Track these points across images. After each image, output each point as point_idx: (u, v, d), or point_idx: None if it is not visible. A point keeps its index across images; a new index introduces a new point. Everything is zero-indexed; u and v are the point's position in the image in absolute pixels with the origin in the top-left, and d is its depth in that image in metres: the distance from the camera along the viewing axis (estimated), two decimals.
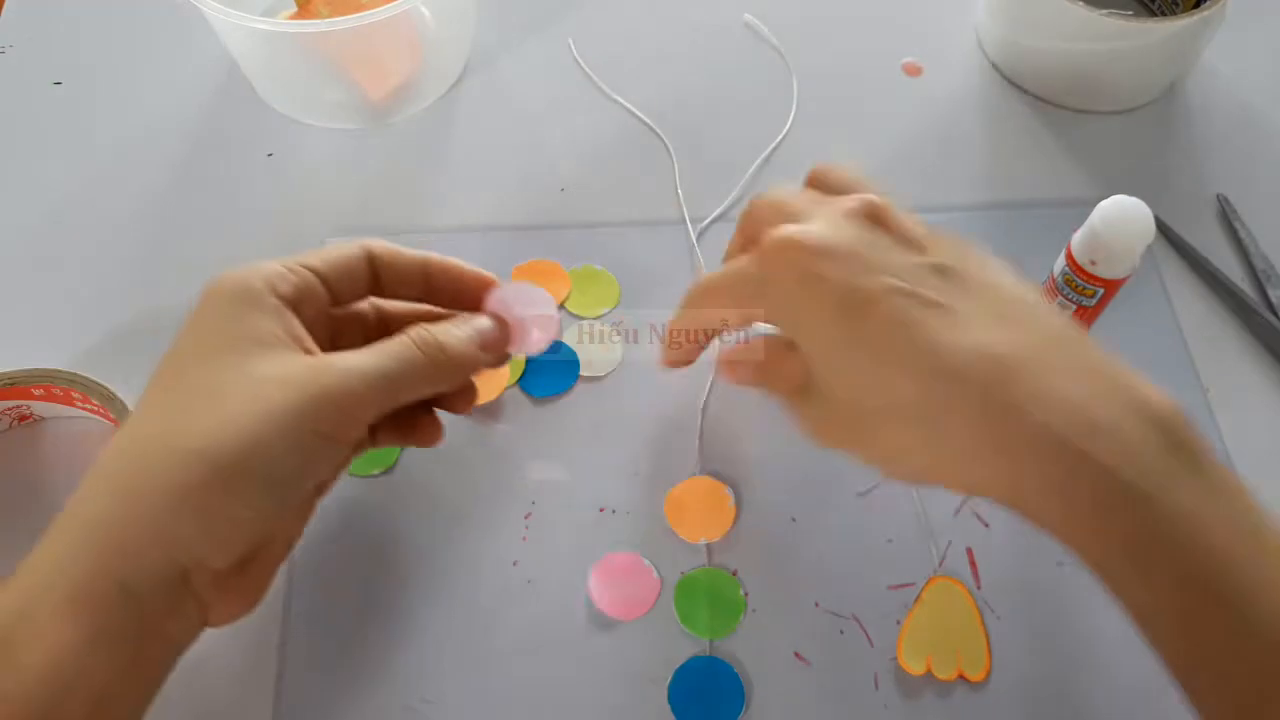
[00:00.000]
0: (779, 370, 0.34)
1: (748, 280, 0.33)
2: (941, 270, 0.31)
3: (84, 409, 0.42)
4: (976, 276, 0.32)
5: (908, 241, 0.32)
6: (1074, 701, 0.38)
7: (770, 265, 0.32)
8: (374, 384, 0.31)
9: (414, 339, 0.33)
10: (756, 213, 0.35)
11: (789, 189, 0.35)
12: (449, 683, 0.37)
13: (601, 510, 0.41)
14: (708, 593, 0.39)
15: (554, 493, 0.42)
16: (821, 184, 0.36)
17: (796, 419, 0.34)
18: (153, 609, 0.28)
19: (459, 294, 0.37)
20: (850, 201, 0.33)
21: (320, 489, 0.35)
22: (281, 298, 0.32)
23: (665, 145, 0.53)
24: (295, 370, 0.31)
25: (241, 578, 0.31)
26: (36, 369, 0.40)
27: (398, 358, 0.32)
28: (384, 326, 0.37)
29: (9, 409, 0.42)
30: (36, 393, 0.41)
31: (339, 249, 0.35)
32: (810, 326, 0.32)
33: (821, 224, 0.32)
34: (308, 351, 0.32)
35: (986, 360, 0.29)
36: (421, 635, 0.38)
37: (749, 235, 0.35)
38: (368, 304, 0.37)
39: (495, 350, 0.36)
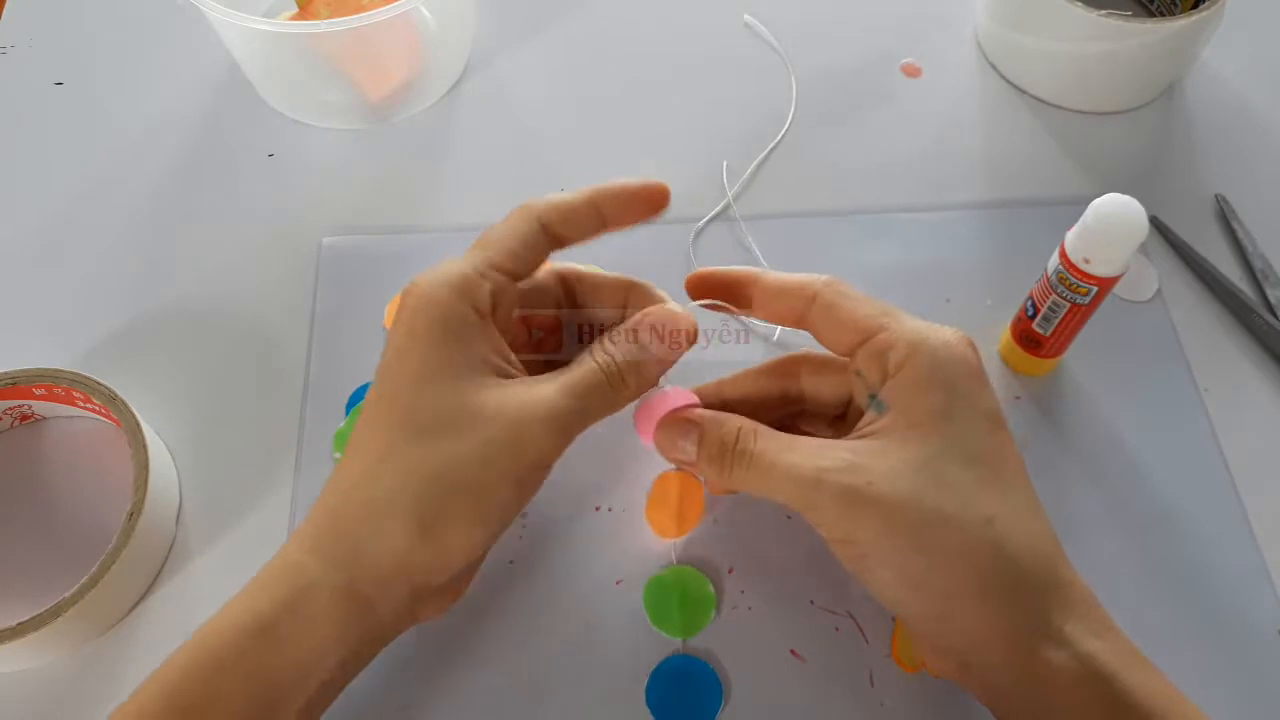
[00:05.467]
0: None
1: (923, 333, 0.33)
2: None
3: (86, 409, 0.42)
4: None
5: None
6: None
7: (962, 339, 0.33)
8: (574, 419, 0.33)
9: (603, 370, 0.33)
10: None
11: None
12: (445, 683, 0.38)
13: (596, 509, 0.41)
14: (678, 592, 0.39)
15: (550, 490, 0.42)
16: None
17: (792, 453, 0.33)
18: (387, 619, 0.32)
19: (630, 210, 0.37)
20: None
21: None
22: (481, 313, 0.33)
23: (664, 146, 0.53)
24: (509, 407, 0.32)
25: (451, 585, 0.34)
26: (38, 368, 0.41)
27: (589, 391, 0.33)
28: (568, 292, 0.38)
29: (10, 408, 0.42)
30: (38, 392, 0.41)
31: (514, 229, 0.35)
32: (947, 407, 0.32)
33: None
34: (510, 369, 0.34)
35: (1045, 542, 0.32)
36: (421, 634, 0.38)
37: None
38: (545, 271, 0.38)
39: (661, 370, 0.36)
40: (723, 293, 0.37)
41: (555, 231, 0.36)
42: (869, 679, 0.38)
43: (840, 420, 0.38)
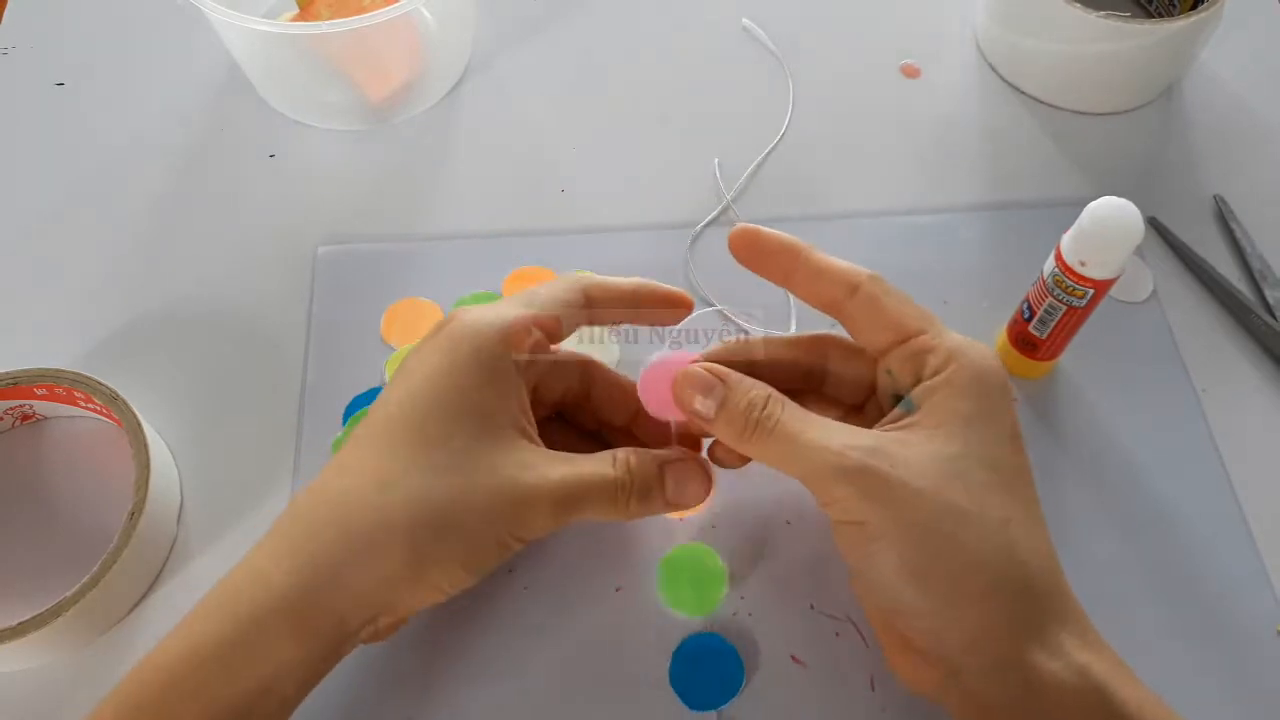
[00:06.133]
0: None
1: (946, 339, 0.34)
2: None
3: (87, 409, 0.42)
4: None
5: None
6: None
7: (997, 359, 0.34)
8: (573, 513, 0.33)
9: (615, 484, 0.34)
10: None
11: None
12: (446, 691, 0.37)
13: None
14: (689, 569, 0.40)
15: None
16: None
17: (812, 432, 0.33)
18: (349, 641, 0.32)
19: (662, 307, 0.38)
20: None
21: None
22: (519, 366, 0.34)
23: (663, 148, 0.53)
24: (525, 477, 0.32)
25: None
26: (39, 368, 0.41)
27: (595, 495, 0.34)
28: (585, 377, 0.39)
29: (12, 408, 0.42)
30: (39, 392, 0.41)
31: (562, 295, 0.36)
32: (975, 417, 0.32)
33: None
34: (530, 431, 0.34)
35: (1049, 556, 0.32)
36: (419, 639, 0.39)
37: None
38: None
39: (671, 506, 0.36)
40: (765, 258, 0.36)
41: (596, 304, 0.37)
42: (869, 684, 0.38)
43: (856, 411, 0.38)
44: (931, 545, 0.30)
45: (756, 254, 0.36)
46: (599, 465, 0.34)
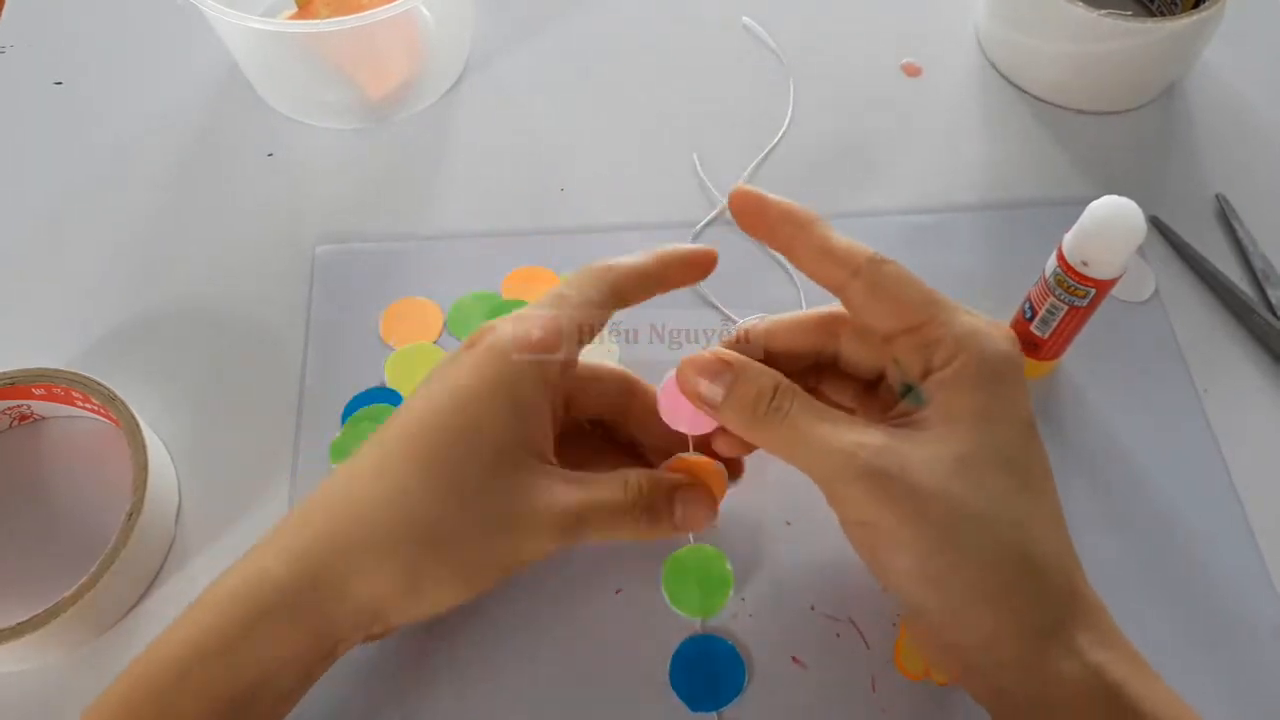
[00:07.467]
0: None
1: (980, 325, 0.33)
2: None
3: (85, 409, 0.42)
4: None
5: None
6: None
7: (1014, 341, 0.33)
8: (579, 536, 0.33)
9: (627, 508, 0.34)
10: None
11: None
12: (445, 690, 0.37)
13: None
14: (696, 571, 0.39)
15: None
16: None
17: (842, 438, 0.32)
18: (344, 643, 0.32)
19: (689, 273, 0.37)
20: None
21: None
22: (549, 385, 0.34)
23: (663, 148, 0.53)
24: (536, 504, 0.32)
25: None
26: (37, 368, 0.41)
27: (605, 517, 0.34)
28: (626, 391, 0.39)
29: (9, 408, 0.42)
30: (37, 392, 0.41)
31: (591, 294, 0.35)
32: (988, 409, 0.32)
33: None
34: (549, 453, 0.34)
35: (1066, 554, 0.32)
36: (418, 639, 0.38)
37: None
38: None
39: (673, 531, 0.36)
40: (767, 227, 0.35)
41: (625, 295, 0.36)
42: (871, 685, 0.38)
43: (870, 391, 0.36)
44: (943, 548, 0.30)
45: (758, 220, 0.34)
46: (611, 489, 0.34)
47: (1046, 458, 0.33)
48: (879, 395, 0.36)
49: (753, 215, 0.34)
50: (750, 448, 0.37)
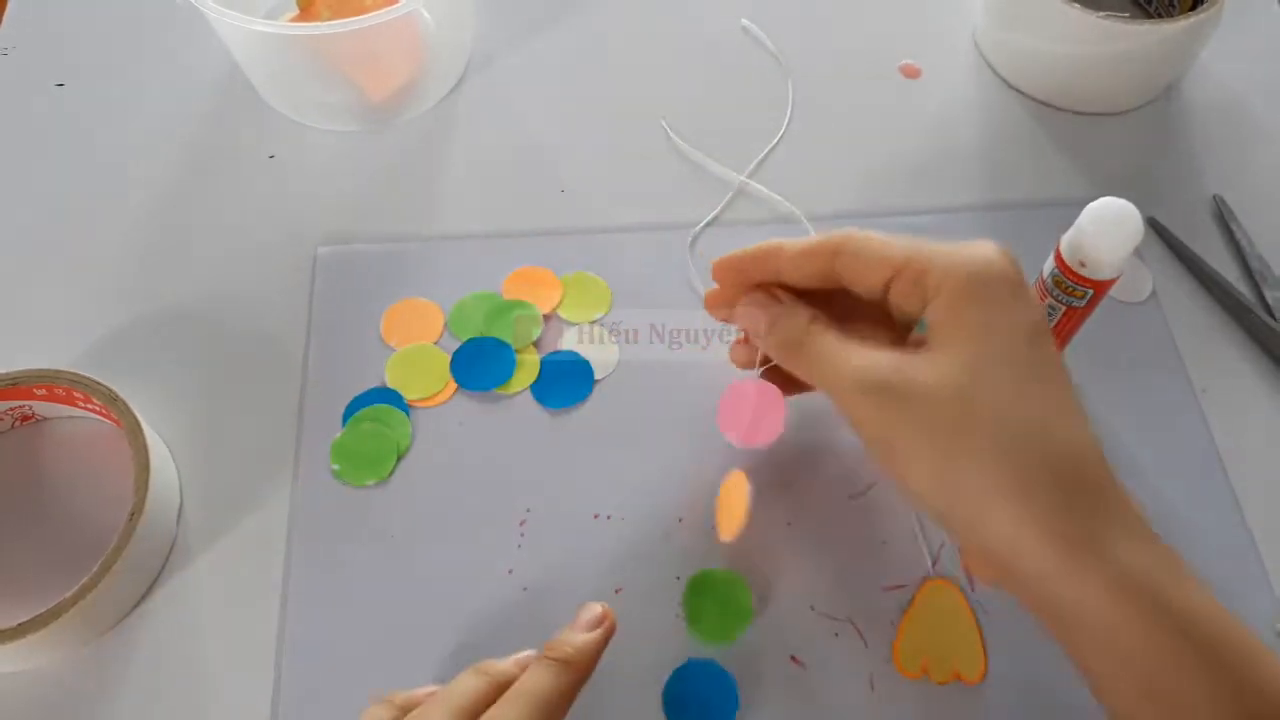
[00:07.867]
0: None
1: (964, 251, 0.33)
2: None
3: (86, 409, 0.42)
4: None
5: None
6: (1070, 702, 0.38)
7: (1002, 254, 0.33)
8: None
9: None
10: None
11: None
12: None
13: (595, 516, 0.41)
14: (720, 595, 0.39)
15: (549, 498, 0.42)
16: None
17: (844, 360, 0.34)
18: None
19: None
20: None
21: None
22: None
23: (663, 149, 0.53)
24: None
25: None
26: (38, 369, 0.41)
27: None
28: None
29: (11, 409, 0.42)
30: (39, 393, 0.41)
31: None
32: (987, 320, 0.32)
33: None
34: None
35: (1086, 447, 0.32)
36: (419, 643, 0.39)
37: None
38: None
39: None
40: (749, 271, 0.37)
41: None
42: (869, 684, 0.38)
43: (903, 336, 0.37)
44: (955, 452, 0.31)
45: (740, 275, 0.38)
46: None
47: (1058, 357, 0.33)
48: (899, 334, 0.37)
49: (733, 275, 0.38)
50: (794, 387, 0.39)
